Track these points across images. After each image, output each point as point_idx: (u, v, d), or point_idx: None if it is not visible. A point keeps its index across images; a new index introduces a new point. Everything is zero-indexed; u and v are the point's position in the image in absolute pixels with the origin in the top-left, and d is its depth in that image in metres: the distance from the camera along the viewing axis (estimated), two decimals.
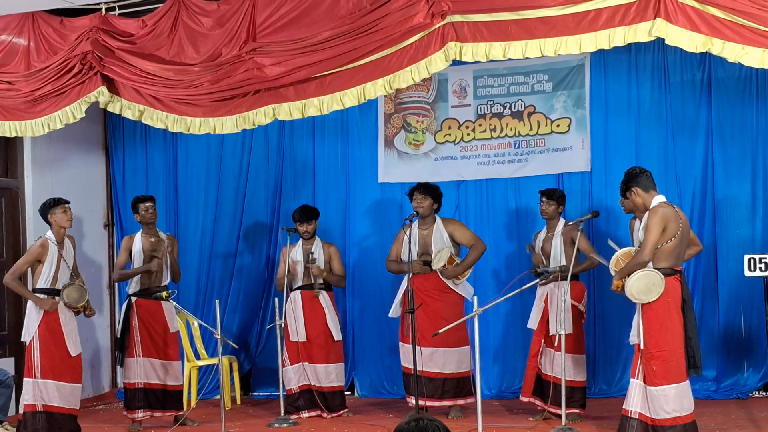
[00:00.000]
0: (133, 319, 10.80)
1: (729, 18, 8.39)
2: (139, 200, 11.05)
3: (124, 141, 13.49)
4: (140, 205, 10.98)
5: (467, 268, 10.68)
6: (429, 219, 10.76)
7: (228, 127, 10.23)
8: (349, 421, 10.90)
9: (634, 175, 8.58)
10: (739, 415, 10.27)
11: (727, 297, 11.42)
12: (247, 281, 13.06)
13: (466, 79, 12.28)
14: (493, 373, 12.09)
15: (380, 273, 12.07)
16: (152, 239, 10.97)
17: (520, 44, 9.09)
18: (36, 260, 10.05)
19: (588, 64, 11.80)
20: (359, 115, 12.65)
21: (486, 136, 12.20)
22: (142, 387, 10.75)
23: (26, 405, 9.98)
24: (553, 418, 10.03)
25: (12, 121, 11.08)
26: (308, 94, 9.89)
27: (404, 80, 9.50)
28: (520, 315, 11.63)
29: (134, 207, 11.04)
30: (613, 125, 11.83)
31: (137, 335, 10.77)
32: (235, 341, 11.61)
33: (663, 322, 8.24)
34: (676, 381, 8.24)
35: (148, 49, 10.46)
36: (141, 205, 10.97)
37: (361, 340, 12.71)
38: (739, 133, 11.44)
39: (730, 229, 11.44)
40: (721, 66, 11.25)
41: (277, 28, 9.93)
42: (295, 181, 12.94)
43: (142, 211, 10.95)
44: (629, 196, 8.65)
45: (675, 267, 8.36)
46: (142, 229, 11.05)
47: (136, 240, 10.97)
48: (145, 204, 10.98)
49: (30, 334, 9.97)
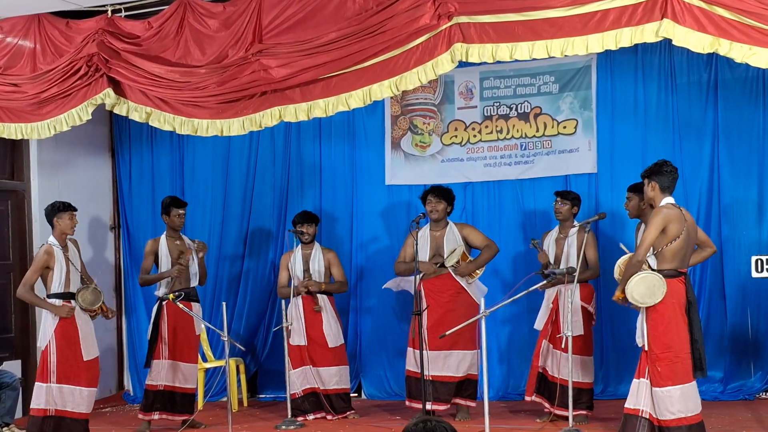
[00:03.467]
0: (162, 321, 10.78)
1: (736, 18, 8.37)
2: (174, 204, 11.00)
3: (130, 143, 13.49)
4: (174, 210, 10.94)
5: (480, 266, 10.69)
6: (441, 222, 10.77)
7: (235, 128, 10.23)
8: (356, 423, 10.90)
9: (663, 170, 8.47)
10: (746, 416, 10.26)
11: (734, 298, 11.40)
12: (254, 284, 13.05)
13: (472, 80, 12.27)
14: (499, 374, 12.08)
15: (388, 275, 12.02)
16: (177, 242, 10.96)
17: (527, 45, 9.06)
18: (44, 267, 10.00)
19: (594, 66, 11.79)
20: (366, 117, 12.65)
21: (492, 137, 12.19)
22: (162, 389, 10.74)
23: (34, 409, 9.91)
24: (559, 420, 10.02)
25: (18, 123, 11.08)
26: (314, 95, 9.88)
27: (411, 82, 9.48)
28: (526, 316, 11.63)
29: (166, 208, 10.97)
30: (620, 127, 11.81)
31: (165, 338, 10.76)
32: (241, 343, 11.58)
33: (667, 324, 8.23)
34: (681, 382, 8.23)
35: (154, 51, 10.45)
36: (175, 210, 10.94)
37: (368, 342, 12.70)
38: (746, 135, 11.42)
39: (737, 231, 11.42)
40: (727, 67, 11.25)
41: (284, 29, 9.92)
42: (302, 184, 12.93)
43: (174, 216, 10.93)
44: (645, 185, 8.58)
45: (680, 269, 8.33)
46: (166, 231, 11.02)
47: (161, 243, 10.93)
48: (179, 211, 10.96)
49: (46, 339, 9.93)
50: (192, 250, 10.98)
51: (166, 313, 10.78)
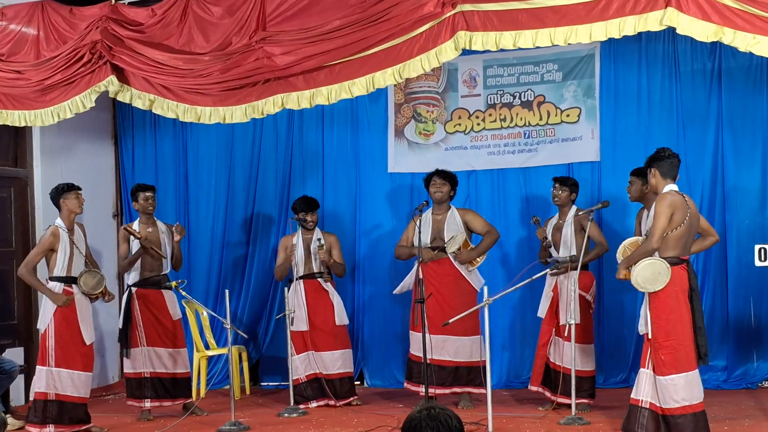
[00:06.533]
0: (134, 309, 10.77)
1: (740, 7, 8.36)
2: (139, 189, 11.00)
3: (133, 130, 13.50)
4: (140, 193, 10.93)
5: (481, 253, 10.70)
6: (444, 206, 10.79)
7: (238, 116, 10.22)
8: (359, 410, 10.91)
9: (661, 156, 8.47)
10: (749, 404, 10.28)
11: (737, 287, 11.42)
12: (256, 271, 13.06)
13: (475, 68, 12.26)
14: (501, 362, 12.10)
15: (390, 263, 12.09)
16: (149, 229, 10.92)
17: (531, 33, 9.05)
18: (49, 249, 10.01)
19: (598, 54, 11.79)
20: (369, 105, 12.65)
21: (496, 126, 12.20)
22: (148, 376, 10.73)
23: (37, 393, 9.95)
24: (562, 408, 10.03)
25: (21, 110, 11.08)
26: (318, 83, 9.87)
27: (414, 69, 9.47)
28: (529, 304, 11.64)
29: (134, 195, 10.99)
30: (623, 115, 11.82)
31: (140, 325, 10.75)
32: (244, 331, 11.60)
33: (671, 312, 8.22)
34: (685, 370, 8.22)
35: (157, 38, 10.45)
36: (141, 194, 10.92)
37: (370, 329, 12.72)
38: (749, 123, 11.43)
39: (740, 219, 11.44)
40: (731, 55, 11.24)
41: (288, 17, 9.91)
42: (304, 171, 12.93)
43: (141, 200, 10.91)
44: (648, 174, 8.59)
45: (682, 256, 8.32)
46: (139, 218, 11.02)
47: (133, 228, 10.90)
48: (146, 194, 10.93)
49: (45, 323, 9.95)
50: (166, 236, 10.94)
51: (136, 299, 10.79)
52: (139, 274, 10.85)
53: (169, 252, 10.96)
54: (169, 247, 10.96)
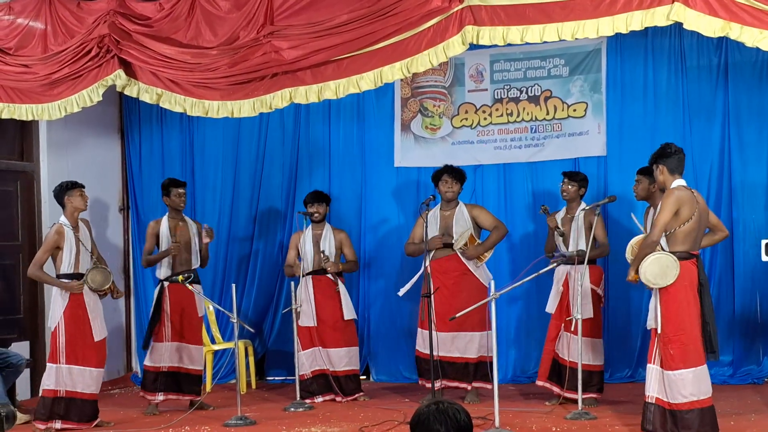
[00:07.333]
0: (165, 303, 10.79)
1: (747, 2, 8.34)
2: (172, 184, 11.01)
3: (140, 124, 13.51)
4: (173, 189, 10.94)
5: (488, 249, 10.70)
6: (453, 202, 10.79)
7: (245, 110, 10.21)
8: (365, 405, 10.90)
9: (667, 152, 8.48)
10: (755, 399, 10.28)
11: (744, 282, 11.42)
12: (262, 266, 13.06)
13: (482, 63, 12.26)
14: (508, 357, 12.10)
15: (396, 258, 12.09)
16: (180, 223, 10.96)
17: (538, 28, 9.02)
18: (55, 247, 10.01)
19: (604, 49, 11.78)
20: (375, 100, 12.63)
21: (503, 120, 12.19)
22: (165, 370, 10.75)
23: (46, 390, 9.95)
24: (568, 402, 10.03)
25: (29, 104, 11.05)
26: (325, 77, 9.86)
27: (422, 64, 9.45)
28: (535, 299, 11.65)
29: (166, 189, 10.98)
30: (629, 110, 11.81)
31: (168, 320, 10.77)
32: (250, 325, 11.61)
33: (680, 306, 8.22)
34: (693, 365, 8.22)
35: (165, 32, 10.42)
36: (174, 190, 10.94)
37: (376, 325, 12.72)
38: (756, 118, 11.42)
39: (746, 214, 11.43)
40: (737, 50, 11.24)
41: (295, 11, 9.89)
42: (311, 166, 12.93)
43: (174, 196, 10.92)
44: (654, 170, 8.59)
45: (691, 251, 8.32)
46: (168, 213, 11.03)
47: (162, 225, 10.92)
48: (179, 190, 10.95)
49: (55, 320, 9.95)
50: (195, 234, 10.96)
51: (168, 294, 10.80)
52: (171, 269, 10.86)
53: (197, 250, 11.01)
54: (197, 245, 11.00)
